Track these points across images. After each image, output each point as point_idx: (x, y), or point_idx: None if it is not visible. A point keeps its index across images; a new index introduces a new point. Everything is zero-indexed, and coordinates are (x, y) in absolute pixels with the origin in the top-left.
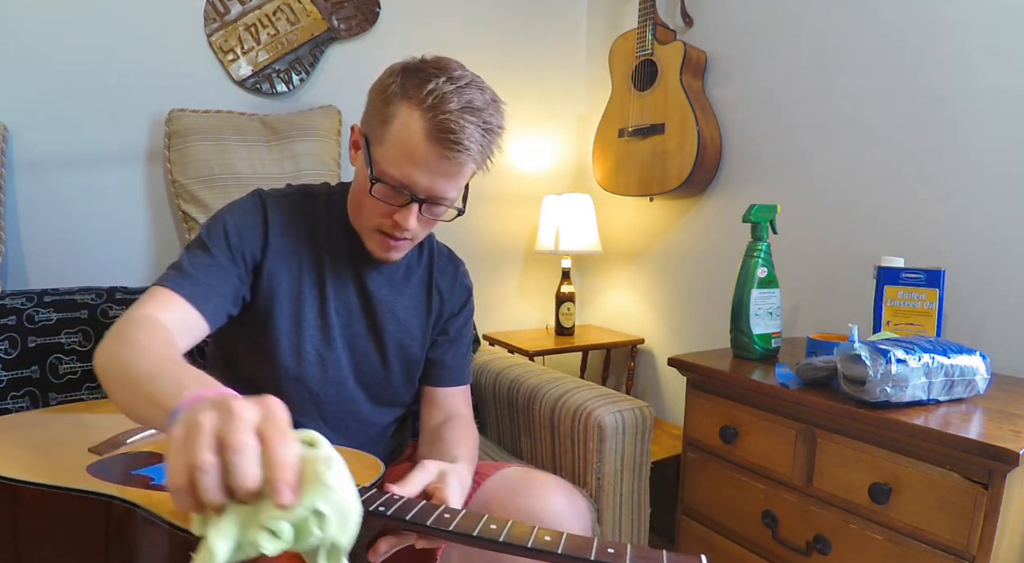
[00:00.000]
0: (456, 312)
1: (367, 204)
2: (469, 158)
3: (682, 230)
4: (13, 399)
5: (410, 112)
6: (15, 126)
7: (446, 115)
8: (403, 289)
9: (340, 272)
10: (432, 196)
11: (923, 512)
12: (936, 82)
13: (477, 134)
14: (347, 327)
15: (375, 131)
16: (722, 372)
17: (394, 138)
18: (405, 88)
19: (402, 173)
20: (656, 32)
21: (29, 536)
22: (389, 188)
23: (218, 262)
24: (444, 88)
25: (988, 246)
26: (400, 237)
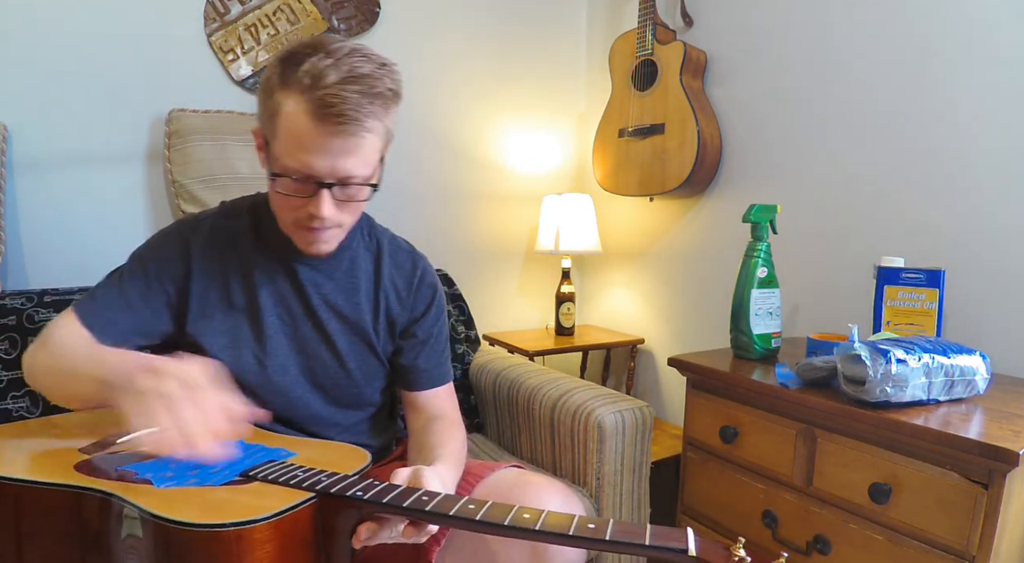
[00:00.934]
0: (421, 313)
1: (278, 202)
2: (360, 128)
3: (682, 230)
4: (13, 399)
5: (290, 98)
6: (15, 126)
7: (324, 90)
8: (348, 285)
9: (275, 279)
10: (339, 177)
11: (923, 512)
12: (936, 81)
13: (364, 102)
14: (293, 333)
15: (266, 127)
16: (722, 372)
17: (282, 129)
18: (283, 76)
19: (299, 162)
20: (656, 32)
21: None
22: (292, 181)
23: (126, 298)
24: (320, 64)
25: (988, 246)
26: (321, 227)
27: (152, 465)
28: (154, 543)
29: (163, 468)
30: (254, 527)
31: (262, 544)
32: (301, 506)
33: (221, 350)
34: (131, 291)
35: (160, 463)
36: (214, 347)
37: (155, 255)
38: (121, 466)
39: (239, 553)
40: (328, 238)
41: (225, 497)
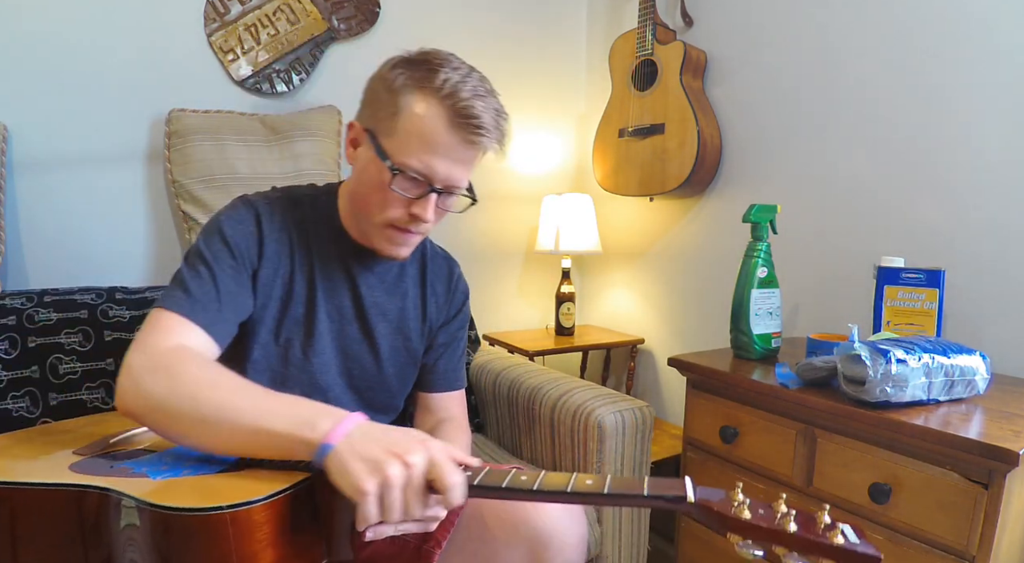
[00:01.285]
0: (452, 317)
1: (378, 199)
2: (490, 141)
3: (682, 230)
4: (13, 399)
5: (425, 101)
6: (15, 126)
7: (464, 102)
8: (396, 291)
9: (331, 275)
10: (448, 185)
11: (923, 512)
12: (936, 81)
13: (492, 117)
14: (338, 331)
15: (382, 124)
16: (722, 372)
17: (408, 128)
18: (414, 78)
19: (421, 162)
20: (656, 32)
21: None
22: (407, 179)
23: (222, 281)
24: (453, 76)
25: (988, 246)
26: (415, 231)
27: (147, 461)
28: (152, 532)
29: (158, 462)
30: (250, 508)
31: (260, 526)
32: (298, 487)
33: (271, 339)
34: (223, 274)
35: (156, 458)
36: (264, 335)
37: (235, 233)
38: (116, 464)
39: (236, 535)
40: (413, 243)
41: (221, 483)
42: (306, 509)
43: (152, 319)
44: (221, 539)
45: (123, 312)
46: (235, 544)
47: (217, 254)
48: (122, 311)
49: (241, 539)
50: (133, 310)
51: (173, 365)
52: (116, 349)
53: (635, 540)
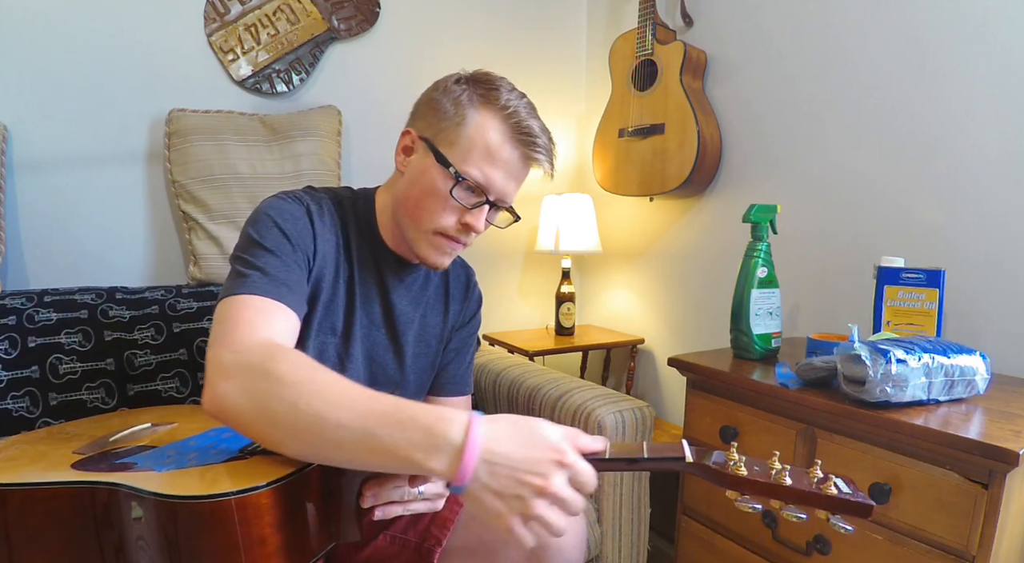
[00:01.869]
0: (466, 322)
1: (432, 206)
2: (546, 160)
3: (682, 230)
4: (13, 399)
5: (490, 116)
6: (15, 126)
7: (525, 121)
8: (422, 299)
9: (366, 279)
10: (501, 199)
11: (923, 512)
12: (936, 81)
13: (547, 140)
14: (367, 336)
15: (443, 134)
16: (722, 372)
17: (472, 139)
18: (478, 94)
19: (482, 174)
20: (656, 32)
21: (20, 539)
22: (465, 188)
23: (285, 262)
24: (513, 98)
25: (988, 246)
26: (463, 241)
27: (151, 455)
28: (161, 523)
29: (162, 456)
30: (258, 493)
31: (267, 510)
32: (304, 471)
33: (310, 340)
34: (286, 256)
35: (159, 453)
36: (307, 334)
37: (288, 225)
38: (119, 460)
39: (243, 521)
40: (455, 253)
41: (227, 471)
42: (313, 492)
43: (229, 310)
44: (228, 525)
45: (123, 312)
46: (242, 529)
47: (273, 240)
48: (122, 311)
49: (248, 524)
50: (133, 310)
51: (269, 367)
52: (116, 349)
53: (635, 540)
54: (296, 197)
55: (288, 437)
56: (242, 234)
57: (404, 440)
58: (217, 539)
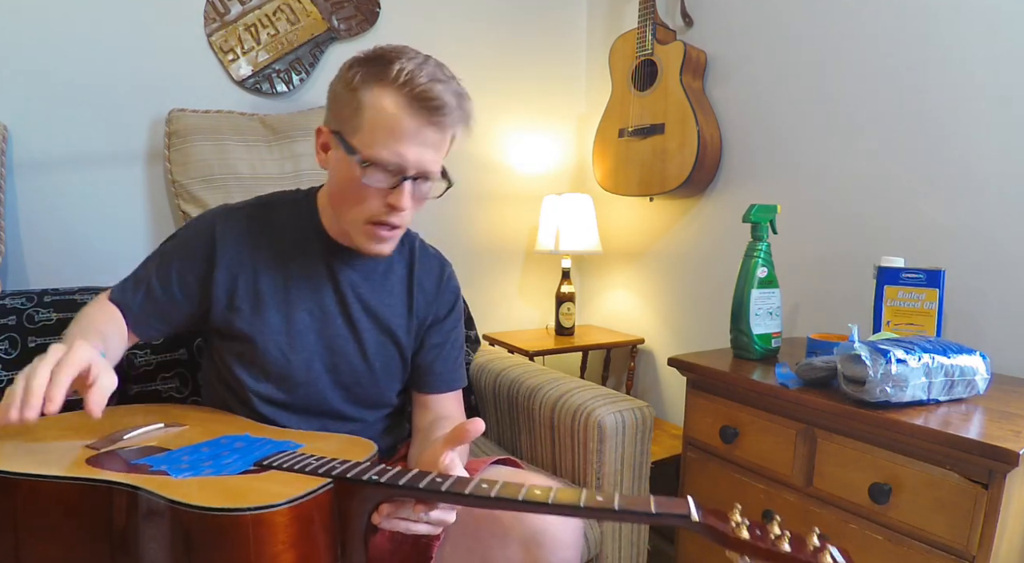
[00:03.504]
0: (443, 316)
1: (354, 196)
2: (451, 120)
3: (682, 230)
4: None
5: (383, 92)
6: (15, 126)
7: (420, 86)
8: (382, 286)
9: (311, 275)
10: (420, 171)
11: (923, 512)
12: (936, 81)
13: (453, 98)
14: (323, 328)
15: (347, 123)
16: (722, 372)
17: (372, 121)
18: (371, 73)
19: (390, 151)
20: (656, 32)
21: (30, 530)
22: (379, 171)
23: (150, 287)
24: (408, 66)
25: (988, 246)
26: (395, 223)
27: (165, 458)
28: (175, 531)
29: (177, 460)
30: (274, 511)
31: (283, 528)
32: (319, 491)
33: (246, 340)
34: (155, 283)
35: (173, 456)
36: (238, 337)
37: (180, 252)
38: (134, 460)
39: (259, 537)
40: (395, 238)
41: (243, 484)
42: (326, 514)
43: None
44: (243, 540)
45: None
46: (255, 546)
47: (160, 266)
48: None
49: (262, 541)
50: None
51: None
52: None
53: (635, 540)
54: (211, 216)
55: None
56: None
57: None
58: (231, 553)
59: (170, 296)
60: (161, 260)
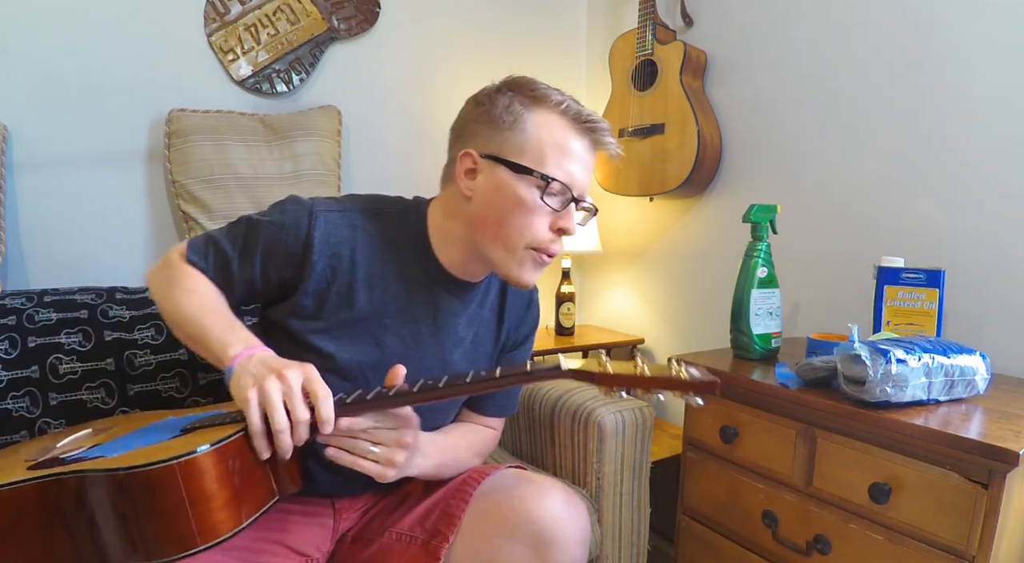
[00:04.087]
0: (520, 343)
1: (519, 221)
2: (612, 142)
3: (682, 230)
4: (13, 399)
5: (548, 114)
6: (15, 126)
7: (579, 109)
8: (477, 317)
9: (412, 299)
10: (582, 195)
11: (923, 512)
12: (936, 82)
13: (606, 122)
14: (412, 355)
15: (509, 144)
16: (722, 372)
17: (541, 141)
18: (530, 98)
19: (562, 170)
20: (656, 32)
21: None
22: (551, 193)
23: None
24: (556, 92)
25: (988, 246)
26: (556, 250)
27: (99, 448)
28: (118, 497)
29: (110, 448)
30: (199, 455)
31: (207, 470)
32: (237, 434)
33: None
34: (235, 266)
35: (106, 446)
36: (315, 350)
37: (271, 243)
38: (71, 457)
39: (189, 482)
40: (545, 269)
41: (172, 446)
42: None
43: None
44: (175, 487)
45: (123, 312)
46: (188, 491)
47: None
48: (122, 311)
49: (192, 485)
50: (133, 310)
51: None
52: (116, 349)
53: (635, 540)
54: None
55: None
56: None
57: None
58: (167, 501)
59: (249, 283)
60: (246, 242)
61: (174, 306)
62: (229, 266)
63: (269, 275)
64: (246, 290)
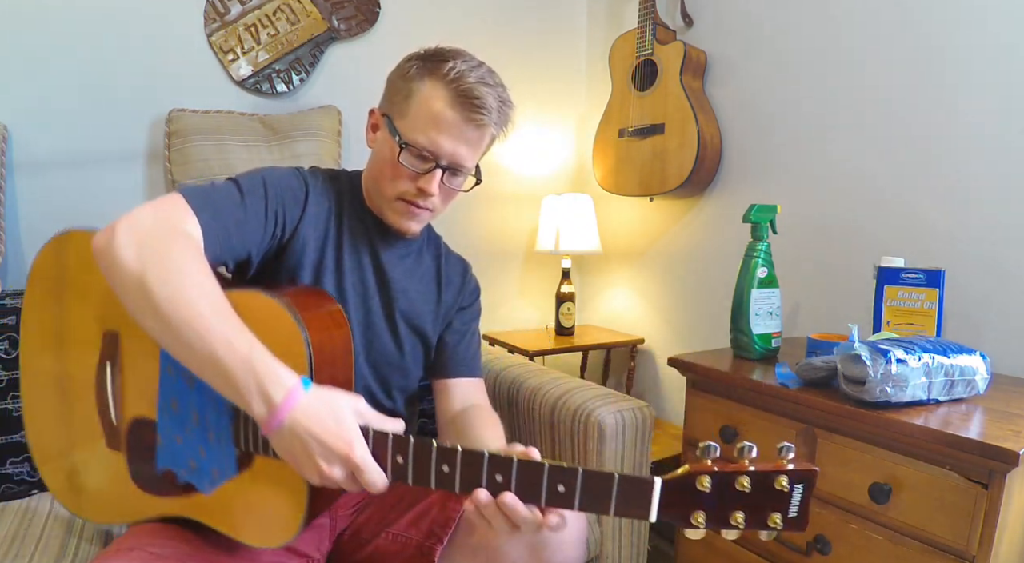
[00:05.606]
0: (467, 306)
1: (390, 173)
2: (490, 122)
3: (682, 230)
4: (13, 399)
5: (433, 84)
6: (15, 126)
7: (468, 85)
8: (414, 272)
9: (357, 249)
10: (454, 163)
11: (923, 512)
12: (936, 81)
13: (495, 102)
14: (362, 304)
15: (397, 107)
16: (722, 372)
17: (419, 108)
18: (426, 67)
19: (428, 139)
20: (656, 32)
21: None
22: (414, 155)
23: (245, 210)
24: (461, 66)
25: (988, 246)
26: (422, 205)
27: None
28: None
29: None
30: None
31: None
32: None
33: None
34: (252, 208)
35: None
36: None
37: (278, 183)
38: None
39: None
40: (422, 219)
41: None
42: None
43: (171, 198)
44: None
45: None
46: None
47: (251, 188)
48: None
49: None
50: None
51: (175, 254)
52: None
53: (635, 540)
54: (297, 169)
55: (149, 316)
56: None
57: (242, 380)
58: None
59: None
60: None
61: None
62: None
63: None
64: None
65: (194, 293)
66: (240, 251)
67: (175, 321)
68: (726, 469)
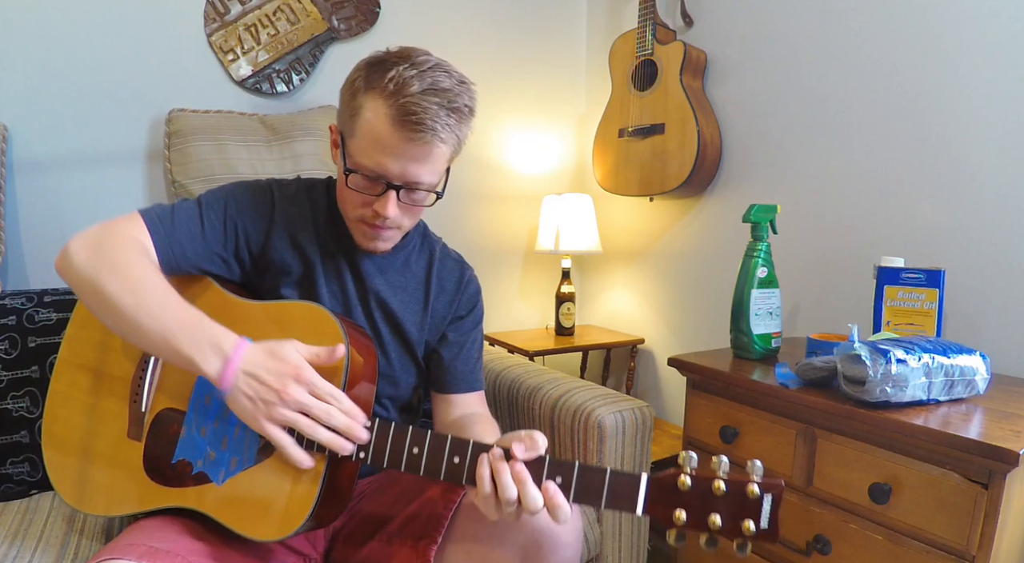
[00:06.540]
0: (464, 315)
1: (347, 196)
2: (435, 138)
3: (682, 230)
4: (13, 399)
5: (374, 101)
6: (15, 126)
7: (407, 98)
8: (399, 282)
9: (336, 260)
10: (407, 182)
11: (923, 512)
12: (936, 82)
13: (442, 114)
14: (343, 313)
15: (347, 126)
16: (722, 372)
17: (362, 129)
18: (369, 80)
19: (373, 162)
20: (656, 32)
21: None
22: (364, 178)
23: (202, 228)
24: (405, 74)
25: (988, 246)
26: (383, 226)
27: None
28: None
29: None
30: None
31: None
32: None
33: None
34: (207, 223)
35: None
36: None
37: (241, 203)
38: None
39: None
40: (387, 238)
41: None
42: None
43: (130, 219)
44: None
45: None
46: None
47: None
48: None
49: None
50: None
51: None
52: None
53: (635, 540)
54: (267, 181)
55: (107, 312)
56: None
57: (194, 341)
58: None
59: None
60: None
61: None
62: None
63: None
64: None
65: (141, 282)
66: (195, 260)
67: (129, 308)
68: (704, 473)
